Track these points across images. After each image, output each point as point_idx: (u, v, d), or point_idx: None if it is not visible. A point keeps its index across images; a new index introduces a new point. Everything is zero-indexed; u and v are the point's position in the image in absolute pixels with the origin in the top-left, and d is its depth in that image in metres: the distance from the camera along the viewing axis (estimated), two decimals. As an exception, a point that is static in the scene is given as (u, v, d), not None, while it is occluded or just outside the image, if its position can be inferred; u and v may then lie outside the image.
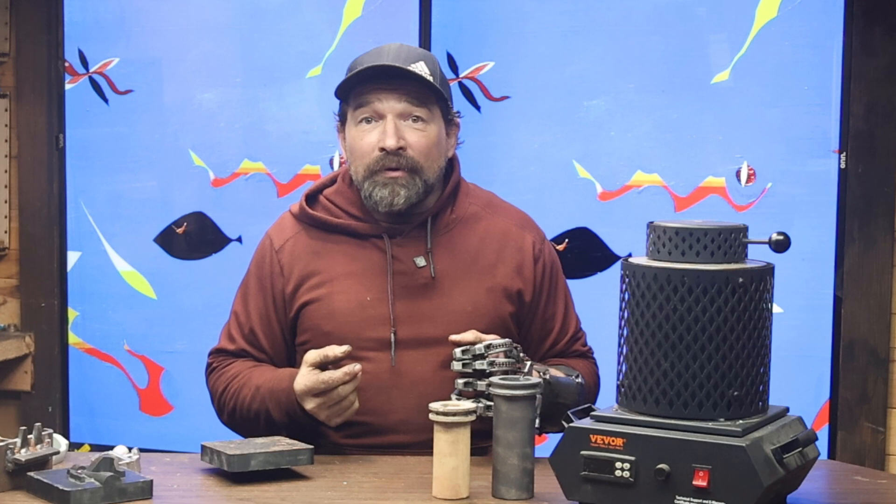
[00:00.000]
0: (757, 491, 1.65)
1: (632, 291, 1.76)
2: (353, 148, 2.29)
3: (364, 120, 2.26)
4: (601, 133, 3.47)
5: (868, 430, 3.36)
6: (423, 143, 2.25)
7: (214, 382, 2.34)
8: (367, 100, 2.25)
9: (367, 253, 2.28)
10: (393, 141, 2.22)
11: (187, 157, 3.79)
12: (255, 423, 2.24)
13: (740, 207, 3.36)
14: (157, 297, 3.85)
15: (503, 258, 2.31)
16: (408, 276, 2.27)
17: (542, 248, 2.36)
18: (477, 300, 2.27)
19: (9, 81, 3.94)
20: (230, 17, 3.76)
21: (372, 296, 2.25)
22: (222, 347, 2.36)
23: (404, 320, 2.24)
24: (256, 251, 2.39)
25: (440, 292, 2.26)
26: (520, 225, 2.37)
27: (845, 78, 3.31)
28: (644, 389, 1.75)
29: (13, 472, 1.87)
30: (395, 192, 2.24)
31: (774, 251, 1.77)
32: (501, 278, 2.29)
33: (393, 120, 2.23)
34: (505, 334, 2.26)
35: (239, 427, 2.30)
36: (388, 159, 2.23)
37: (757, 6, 3.34)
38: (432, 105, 2.27)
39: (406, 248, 2.28)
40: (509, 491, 1.86)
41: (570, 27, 3.48)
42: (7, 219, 3.95)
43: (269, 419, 2.21)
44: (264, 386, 2.22)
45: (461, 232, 2.32)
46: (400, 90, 2.24)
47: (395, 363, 2.24)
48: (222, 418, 2.34)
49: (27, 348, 3.93)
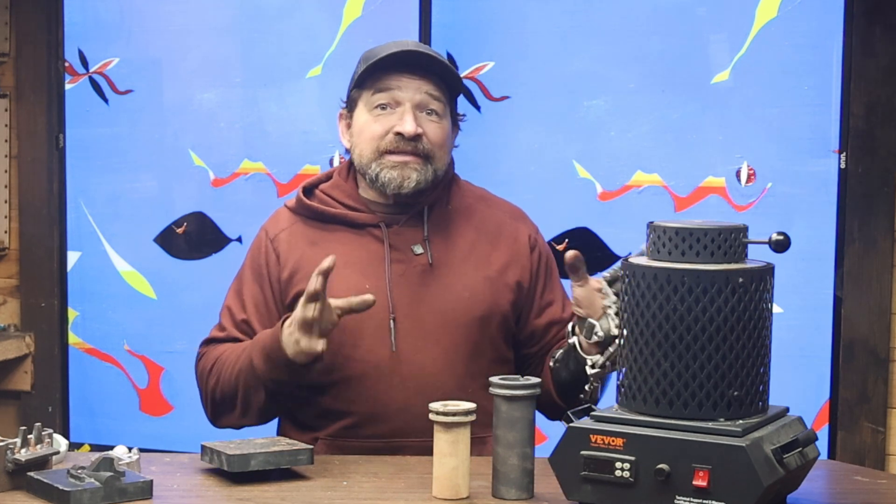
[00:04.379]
0: (757, 491, 1.65)
1: (632, 291, 1.76)
2: (363, 130, 2.29)
3: (380, 106, 2.27)
4: (601, 133, 3.47)
5: (868, 430, 3.36)
6: (438, 134, 2.28)
7: (202, 368, 2.31)
8: (386, 85, 2.27)
9: (365, 242, 2.29)
10: (412, 127, 2.24)
11: (187, 157, 3.79)
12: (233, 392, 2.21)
13: (740, 207, 3.37)
14: (157, 297, 3.85)
15: (499, 248, 2.33)
16: (405, 263, 2.27)
17: (536, 239, 2.38)
18: (474, 288, 2.28)
19: (9, 81, 3.94)
20: (230, 17, 3.77)
21: (370, 283, 2.25)
22: (213, 337, 2.35)
23: (403, 307, 2.24)
24: (251, 245, 2.40)
25: (438, 279, 2.27)
26: (513, 217, 2.39)
27: (845, 78, 3.31)
28: (644, 389, 1.75)
29: (13, 472, 1.87)
30: (405, 175, 2.25)
31: (774, 251, 1.76)
32: (498, 267, 2.31)
33: (412, 108, 2.26)
34: (502, 323, 2.29)
35: (218, 406, 2.27)
36: (403, 144, 2.25)
37: (757, 6, 3.34)
38: (445, 103, 2.31)
39: (403, 236, 2.29)
40: (509, 491, 1.86)
41: (570, 27, 3.48)
42: (7, 219, 3.95)
43: (249, 375, 2.17)
44: (250, 343, 2.21)
45: (457, 222, 2.33)
46: (421, 79, 2.27)
47: (396, 349, 2.24)
48: (206, 408, 2.31)
49: (27, 348, 3.93)
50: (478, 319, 2.27)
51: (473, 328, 2.27)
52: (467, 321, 2.26)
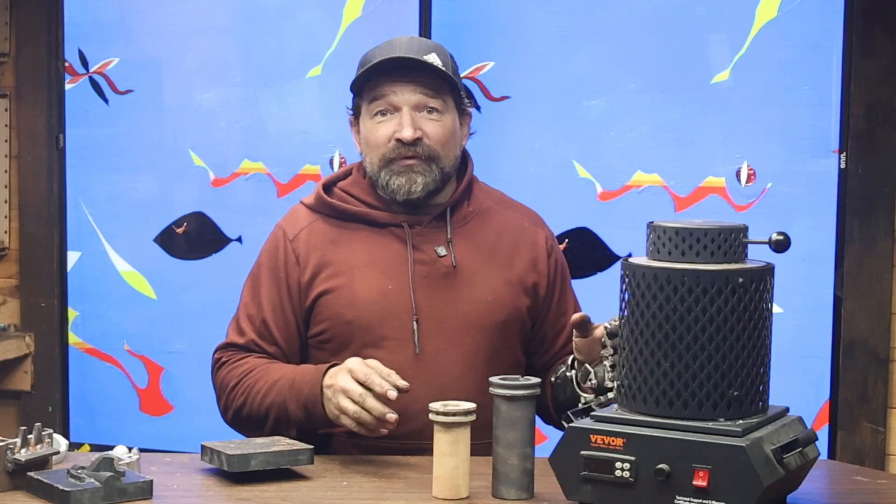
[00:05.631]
0: (757, 491, 1.65)
1: (632, 291, 1.76)
2: (369, 140, 2.29)
3: (379, 113, 2.27)
4: (601, 133, 3.47)
5: (868, 430, 3.36)
6: (439, 133, 2.27)
7: (224, 377, 2.28)
8: (381, 93, 2.26)
9: (387, 242, 2.28)
10: (409, 132, 2.23)
11: (187, 157, 3.79)
12: (262, 421, 2.21)
13: (740, 207, 3.36)
14: (157, 297, 3.85)
15: (519, 252, 2.33)
16: (428, 265, 2.27)
17: (553, 245, 2.39)
18: (496, 290, 2.28)
19: (9, 81, 3.94)
20: (230, 17, 3.77)
21: (393, 284, 2.24)
22: (232, 342, 2.32)
23: (426, 309, 2.24)
24: (267, 243, 2.36)
25: (461, 282, 2.27)
26: (532, 221, 2.40)
27: (845, 78, 3.31)
28: (644, 389, 1.75)
29: (13, 472, 1.87)
30: (412, 179, 2.25)
31: (774, 251, 1.76)
32: (518, 271, 2.31)
33: (409, 112, 2.25)
34: (521, 327, 2.30)
35: (243, 424, 2.26)
36: (405, 149, 2.24)
37: (757, 6, 3.34)
38: (446, 95, 2.29)
39: (425, 237, 2.28)
40: (509, 491, 1.86)
41: (570, 27, 3.48)
42: (7, 219, 3.95)
43: (281, 414, 2.17)
44: (285, 377, 2.18)
45: (478, 224, 2.33)
46: (414, 82, 2.25)
47: (420, 351, 2.23)
48: (226, 416, 2.30)
49: (27, 348, 3.93)
50: (500, 323, 2.27)
51: (495, 332, 2.27)
52: (489, 325, 2.26)
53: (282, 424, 2.18)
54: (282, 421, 2.18)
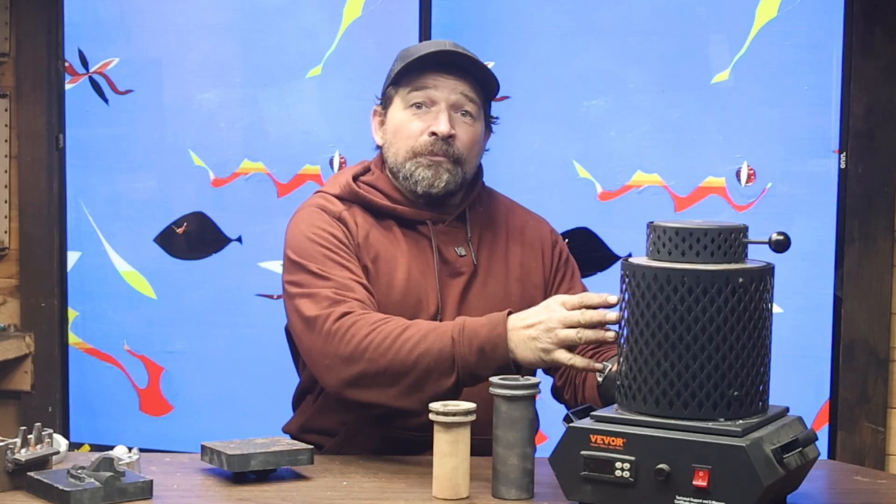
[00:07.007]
0: (757, 491, 1.65)
1: (632, 291, 1.76)
2: (399, 129, 2.30)
3: (415, 105, 2.28)
4: (601, 133, 3.48)
5: (868, 430, 3.36)
6: (469, 137, 2.30)
7: (350, 329, 2.08)
8: (423, 84, 2.28)
9: (414, 237, 2.30)
10: (446, 127, 2.25)
11: (187, 157, 3.79)
12: (403, 375, 2.04)
13: (740, 207, 3.37)
14: (157, 297, 3.85)
15: (527, 251, 2.37)
16: (451, 263, 2.29)
17: (556, 239, 2.44)
18: (509, 289, 2.32)
19: (9, 81, 3.94)
20: (230, 17, 3.77)
21: (421, 280, 2.26)
22: (348, 310, 2.11)
23: (449, 306, 2.26)
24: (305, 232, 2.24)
25: (479, 280, 2.30)
26: (537, 220, 2.45)
27: (845, 78, 3.31)
28: (644, 389, 1.75)
29: (13, 472, 1.87)
30: (438, 174, 2.26)
31: (774, 251, 1.77)
32: (529, 269, 2.35)
33: (447, 108, 2.27)
34: None
35: (371, 377, 2.06)
36: (437, 145, 2.26)
37: (757, 6, 3.34)
38: (479, 105, 2.33)
39: (447, 235, 2.31)
40: (509, 491, 1.86)
41: (570, 27, 3.48)
42: (7, 219, 3.95)
43: (441, 362, 2.02)
44: (444, 325, 2.07)
45: (491, 226, 2.37)
46: (456, 81, 2.28)
47: None
48: (343, 366, 2.08)
49: (27, 348, 3.93)
50: None
51: None
52: None
53: (432, 375, 2.04)
54: (438, 370, 2.03)
